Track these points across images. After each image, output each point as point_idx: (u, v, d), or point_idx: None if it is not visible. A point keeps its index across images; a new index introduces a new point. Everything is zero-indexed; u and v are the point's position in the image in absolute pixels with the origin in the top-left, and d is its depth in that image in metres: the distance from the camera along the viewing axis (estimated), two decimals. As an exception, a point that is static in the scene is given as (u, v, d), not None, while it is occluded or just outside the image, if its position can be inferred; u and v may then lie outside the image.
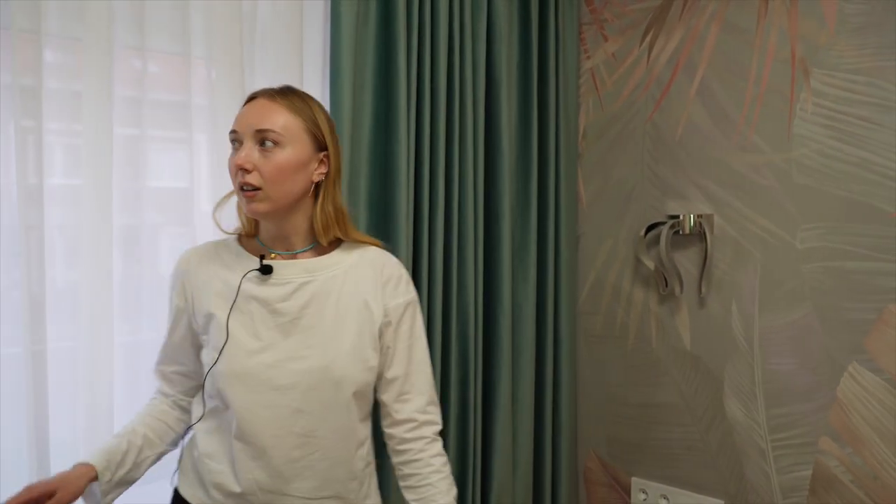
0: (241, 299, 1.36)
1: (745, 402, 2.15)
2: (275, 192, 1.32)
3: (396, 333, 1.42)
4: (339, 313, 1.38)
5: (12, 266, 1.47)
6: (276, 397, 1.34)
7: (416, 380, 1.44)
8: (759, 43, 2.10)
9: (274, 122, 1.32)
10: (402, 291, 1.44)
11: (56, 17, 1.52)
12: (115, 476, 1.37)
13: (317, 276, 1.38)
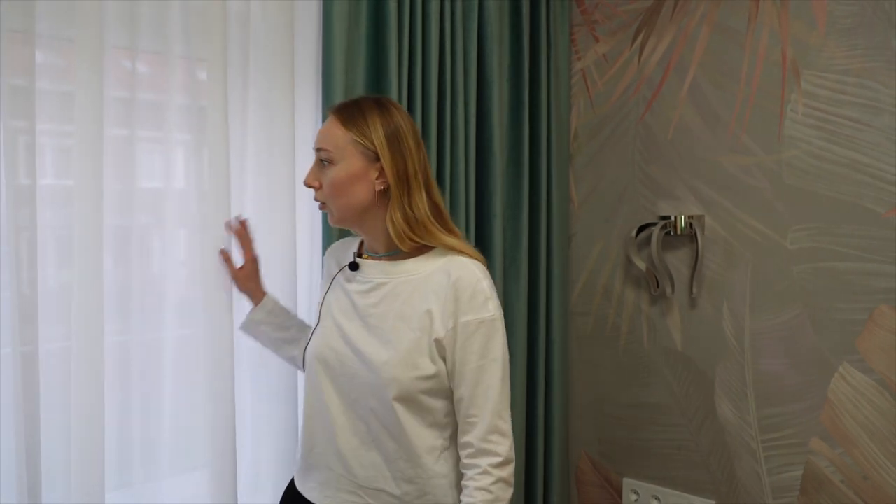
0: (337, 291, 1.51)
1: (736, 402, 2.16)
2: (335, 206, 1.43)
3: (464, 352, 1.37)
4: (401, 318, 1.40)
5: (3, 267, 1.46)
6: (345, 384, 1.44)
7: (483, 404, 1.37)
8: (749, 44, 2.11)
9: (327, 140, 1.42)
10: (475, 308, 1.37)
11: (47, 17, 1.51)
12: (260, 325, 1.66)
13: (391, 280, 1.44)
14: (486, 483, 1.35)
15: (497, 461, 1.36)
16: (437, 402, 1.41)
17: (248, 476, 1.79)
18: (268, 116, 1.80)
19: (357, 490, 1.45)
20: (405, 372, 1.38)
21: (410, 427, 1.40)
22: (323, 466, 1.48)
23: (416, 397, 1.39)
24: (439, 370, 1.39)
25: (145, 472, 1.69)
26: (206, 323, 1.68)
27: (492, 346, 1.37)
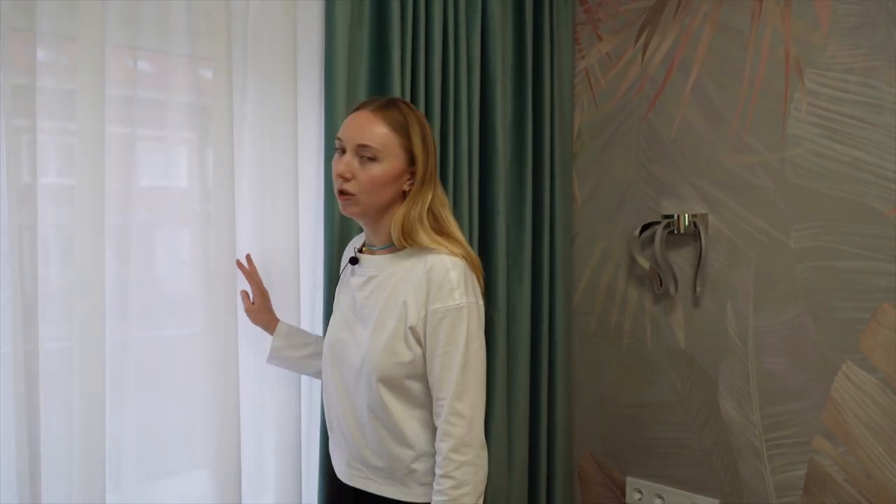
0: (344, 285, 1.65)
1: (739, 401, 2.16)
2: (367, 200, 1.51)
3: (434, 338, 1.48)
4: (386, 309, 1.52)
5: (5, 266, 1.46)
6: (344, 370, 1.57)
7: (447, 388, 1.46)
8: (753, 43, 2.10)
9: (373, 138, 1.50)
10: (443, 297, 1.47)
11: (49, 15, 1.50)
12: (283, 350, 1.74)
13: (381, 273, 1.56)
14: (449, 469, 1.44)
15: (453, 444, 1.44)
16: (418, 384, 1.52)
17: (250, 475, 1.79)
18: (270, 115, 1.79)
19: (362, 466, 1.58)
20: (386, 358, 1.49)
21: (395, 408, 1.51)
22: (338, 446, 1.64)
23: (399, 381, 1.50)
24: (415, 356, 1.49)
25: (147, 471, 1.68)
26: (209, 321, 1.69)
27: (457, 333, 1.46)
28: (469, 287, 1.49)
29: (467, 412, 1.45)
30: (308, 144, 1.89)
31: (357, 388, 1.54)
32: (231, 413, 1.67)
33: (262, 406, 1.83)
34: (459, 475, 1.44)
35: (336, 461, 1.66)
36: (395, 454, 1.53)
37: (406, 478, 1.54)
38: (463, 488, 1.43)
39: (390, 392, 1.50)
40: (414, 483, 1.54)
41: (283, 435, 1.80)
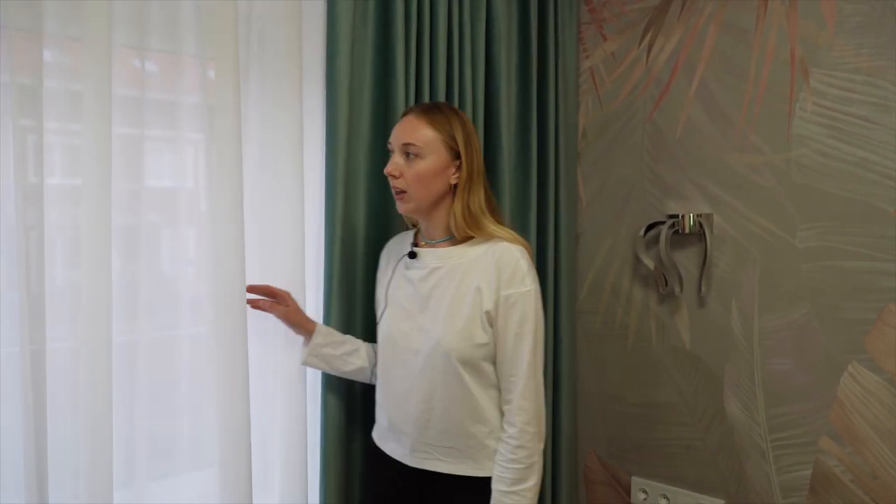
0: (399, 277, 1.74)
1: (744, 401, 2.15)
2: (416, 194, 1.65)
3: (506, 321, 1.60)
4: (457, 296, 1.63)
5: (11, 266, 1.46)
6: (413, 359, 1.66)
7: (520, 366, 1.60)
8: (758, 43, 2.10)
9: (416, 136, 1.64)
10: (515, 283, 1.60)
11: (55, 16, 1.50)
12: (323, 347, 1.79)
13: (446, 264, 1.66)
14: (524, 440, 1.58)
15: (527, 417, 1.59)
16: (491, 366, 1.64)
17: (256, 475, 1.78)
18: (276, 115, 1.79)
19: (429, 449, 1.66)
20: (463, 341, 1.60)
21: (473, 388, 1.62)
22: (398, 432, 1.70)
23: (476, 362, 1.62)
24: (490, 338, 1.62)
25: (155, 470, 1.69)
26: (217, 321, 1.68)
27: (528, 317, 1.60)
28: (534, 275, 1.63)
29: (537, 388, 1.61)
30: (313, 144, 1.89)
31: (429, 372, 1.63)
32: (239, 412, 1.67)
33: (269, 406, 1.83)
34: (532, 445, 1.59)
35: (397, 448, 1.72)
36: (470, 432, 1.63)
37: (478, 454, 1.64)
38: (534, 457, 1.60)
39: (468, 373, 1.61)
40: (485, 459, 1.64)
41: (290, 435, 1.80)
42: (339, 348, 1.82)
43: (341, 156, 1.85)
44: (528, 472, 1.58)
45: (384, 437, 1.76)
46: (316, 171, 1.90)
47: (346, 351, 1.83)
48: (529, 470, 1.58)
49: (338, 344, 1.82)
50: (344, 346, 1.83)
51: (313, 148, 1.89)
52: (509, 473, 1.58)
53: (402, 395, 1.69)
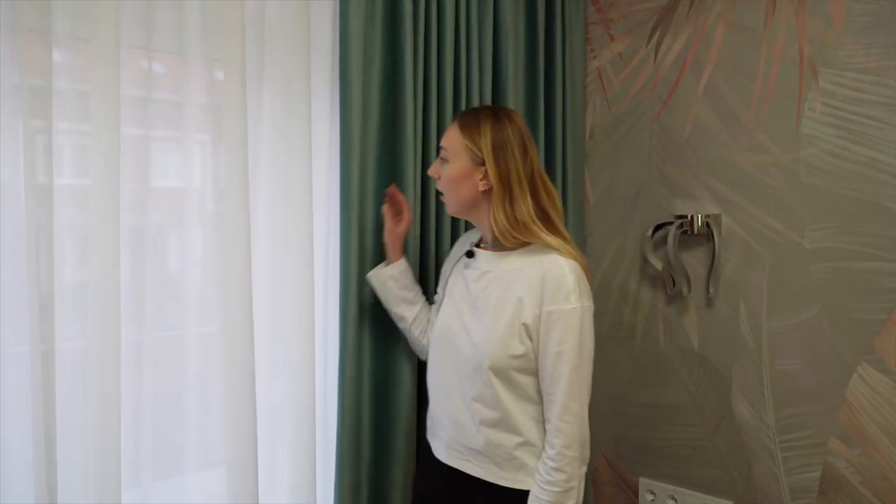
0: (457, 274, 1.76)
1: (753, 402, 2.15)
2: (449, 198, 1.70)
3: (546, 337, 1.57)
4: (501, 303, 1.62)
5: (21, 265, 1.47)
6: (454, 356, 1.67)
7: (558, 385, 1.56)
8: (766, 42, 2.10)
9: (445, 140, 1.68)
10: (559, 299, 1.56)
11: (64, 17, 1.51)
12: (392, 278, 1.83)
13: (496, 268, 1.66)
14: (563, 464, 1.55)
15: (566, 440, 1.55)
16: (527, 378, 1.61)
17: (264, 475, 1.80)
18: (284, 115, 1.80)
19: (462, 450, 1.67)
20: (498, 349, 1.58)
21: (503, 397, 1.60)
22: (440, 429, 1.74)
23: (508, 373, 1.59)
24: (527, 350, 1.58)
25: (163, 469, 1.70)
26: (224, 321, 1.69)
27: (571, 335, 1.55)
28: (583, 290, 1.58)
29: (579, 410, 1.57)
30: (321, 144, 1.90)
31: (467, 373, 1.64)
32: (246, 412, 1.68)
33: (277, 405, 1.84)
34: (571, 469, 1.55)
35: (435, 442, 1.76)
36: (497, 440, 1.62)
37: (506, 463, 1.62)
38: (573, 481, 1.56)
39: (500, 381, 1.60)
40: (512, 469, 1.62)
41: (298, 434, 1.81)
42: (401, 290, 1.85)
43: (356, 155, 1.85)
44: (564, 497, 1.55)
45: (431, 431, 1.80)
46: (323, 170, 1.91)
47: (405, 297, 1.85)
48: (566, 494, 1.55)
49: (403, 286, 1.85)
50: (407, 291, 1.86)
51: (320, 147, 1.90)
52: (546, 495, 1.55)
53: (443, 392, 1.71)
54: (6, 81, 1.45)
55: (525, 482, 1.61)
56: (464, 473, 1.68)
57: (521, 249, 1.65)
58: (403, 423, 1.95)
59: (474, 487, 1.66)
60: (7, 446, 1.48)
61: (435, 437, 1.77)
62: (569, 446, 1.55)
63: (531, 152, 1.65)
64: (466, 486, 1.68)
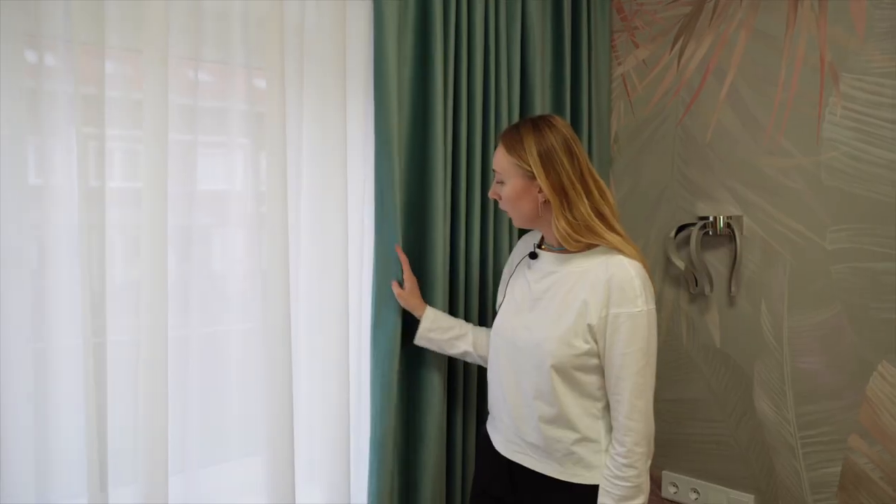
0: (519, 274, 1.80)
1: (774, 399, 2.19)
2: (512, 215, 1.74)
3: (612, 340, 1.60)
4: (564, 304, 1.65)
5: (75, 264, 1.54)
6: (513, 353, 1.71)
7: (624, 386, 1.59)
8: (787, 49, 2.14)
9: (497, 163, 1.72)
10: (626, 302, 1.58)
11: (117, 29, 1.59)
12: (430, 332, 1.92)
13: (560, 270, 1.69)
14: (633, 460, 1.59)
15: (635, 438, 1.59)
16: (588, 377, 1.64)
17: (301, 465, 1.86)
18: (321, 121, 1.87)
19: (520, 443, 1.72)
20: (561, 348, 1.62)
21: (563, 394, 1.64)
22: (499, 421, 1.78)
23: (569, 371, 1.63)
24: (590, 349, 1.61)
25: (207, 457, 1.77)
26: (264, 318, 1.76)
27: (636, 337, 1.58)
28: (648, 294, 1.61)
29: (645, 409, 1.60)
30: (356, 148, 1.96)
31: (527, 370, 1.68)
32: (284, 404, 1.75)
33: (313, 398, 1.91)
34: (641, 465, 1.60)
35: (495, 435, 1.81)
36: (555, 435, 1.66)
37: (564, 458, 1.66)
38: (643, 476, 1.60)
39: (560, 378, 1.63)
40: (570, 464, 1.66)
41: (333, 426, 1.88)
42: (445, 333, 1.93)
43: (396, 161, 1.91)
44: (636, 492, 1.59)
45: (490, 423, 1.85)
46: (358, 172, 1.98)
47: (452, 336, 1.93)
48: (637, 489, 1.60)
49: (444, 329, 1.93)
50: (451, 331, 1.93)
51: (357, 151, 1.96)
52: (617, 490, 1.59)
53: (502, 388, 1.75)
54: (62, 91, 1.53)
55: (583, 476, 1.65)
56: (522, 466, 1.72)
57: (585, 252, 1.67)
58: (435, 409, 2.00)
59: (533, 480, 1.70)
60: (62, 433, 1.56)
61: (494, 430, 1.81)
62: (638, 443, 1.59)
63: (578, 153, 1.66)
64: (526, 479, 1.72)
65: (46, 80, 1.52)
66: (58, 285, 1.55)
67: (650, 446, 1.62)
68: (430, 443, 2.00)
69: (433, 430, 2.00)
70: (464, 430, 2.13)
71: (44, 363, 1.55)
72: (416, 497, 2.01)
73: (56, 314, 1.56)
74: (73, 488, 1.57)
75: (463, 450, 2.12)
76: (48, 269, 1.55)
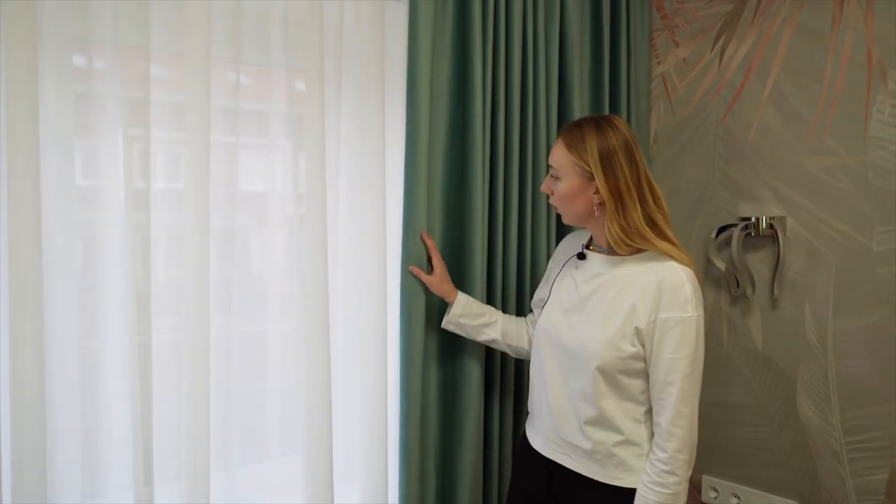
0: (566, 274, 1.79)
1: (818, 403, 2.15)
2: (563, 212, 1.71)
3: (660, 344, 1.58)
4: (612, 306, 1.64)
5: (121, 264, 1.57)
6: (559, 353, 1.71)
7: (670, 391, 1.57)
8: (833, 45, 2.10)
9: (554, 159, 1.69)
10: (676, 307, 1.57)
11: (161, 34, 1.62)
12: (461, 318, 1.92)
13: (609, 272, 1.68)
14: (675, 467, 1.57)
15: (678, 444, 1.57)
16: (632, 380, 1.63)
17: (339, 464, 1.88)
18: (360, 122, 1.88)
19: (560, 443, 1.72)
20: (607, 350, 1.61)
21: (606, 396, 1.63)
22: (539, 421, 1.78)
23: (614, 374, 1.62)
24: (636, 353, 1.60)
25: (248, 454, 1.79)
26: (303, 317, 1.78)
27: (685, 343, 1.56)
28: (698, 300, 1.59)
29: (690, 416, 1.58)
30: (394, 149, 1.98)
31: (572, 372, 1.68)
32: (323, 403, 1.76)
33: (352, 397, 1.92)
34: (682, 473, 1.58)
35: (534, 435, 1.80)
36: (597, 437, 1.65)
37: (605, 460, 1.65)
38: (682, 483, 1.59)
39: (604, 381, 1.62)
40: (611, 465, 1.65)
41: (371, 426, 1.89)
42: (476, 319, 1.92)
43: (423, 162, 1.92)
44: (675, 499, 1.58)
45: (529, 422, 1.84)
46: (396, 172, 1.99)
47: (482, 322, 1.93)
48: (676, 497, 1.58)
49: (475, 315, 1.92)
50: (481, 318, 1.93)
51: (395, 153, 1.98)
52: (654, 496, 1.58)
53: (545, 387, 1.75)
54: (109, 94, 1.57)
55: (623, 479, 1.64)
56: (562, 466, 1.72)
57: (635, 256, 1.65)
58: (472, 411, 2.00)
59: (572, 480, 1.70)
60: (108, 429, 1.59)
61: (534, 430, 1.81)
62: (680, 450, 1.57)
63: (638, 158, 1.64)
64: (564, 479, 1.71)
65: (95, 83, 1.56)
66: (104, 284, 1.59)
67: (692, 455, 1.60)
68: (468, 446, 2.00)
69: (471, 434, 2.00)
70: (500, 433, 2.13)
71: (91, 361, 1.58)
72: (453, 500, 2.01)
73: (102, 313, 1.59)
74: (119, 484, 1.60)
75: (500, 453, 2.12)
76: (94, 269, 1.59)
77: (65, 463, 1.55)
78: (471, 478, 2.00)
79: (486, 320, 1.93)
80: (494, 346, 1.96)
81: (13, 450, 1.43)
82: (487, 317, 1.94)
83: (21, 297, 1.43)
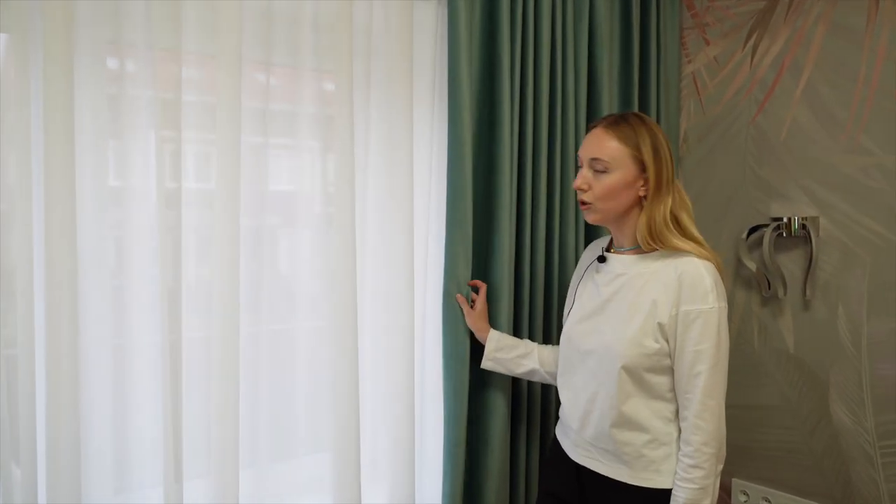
0: (588, 279, 1.79)
1: (851, 407, 2.12)
2: (603, 207, 1.67)
3: (684, 337, 1.58)
4: (634, 305, 1.64)
5: (153, 264, 1.60)
6: (584, 357, 1.71)
7: (696, 384, 1.57)
8: (868, 43, 2.07)
9: (603, 151, 1.64)
10: (696, 299, 1.57)
11: (193, 36, 1.65)
12: (496, 352, 1.93)
13: (629, 272, 1.68)
14: (701, 461, 1.56)
15: (704, 437, 1.56)
16: (659, 378, 1.62)
17: (366, 464, 1.89)
18: (388, 122, 1.89)
19: (589, 447, 1.71)
20: (631, 349, 1.60)
21: (633, 395, 1.63)
22: (568, 424, 1.77)
23: (640, 372, 1.61)
24: (660, 349, 1.60)
25: (275, 452, 1.81)
26: (331, 316, 1.79)
27: (707, 334, 1.56)
28: (720, 291, 1.59)
29: (716, 408, 1.57)
30: (422, 149, 1.98)
31: (597, 373, 1.67)
32: (351, 402, 1.78)
33: (379, 397, 1.93)
34: (709, 466, 1.56)
35: (564, 440, 1.80)
36: (624, 438, 1.64)
37: (634, 461, 1.64)
38: (709, 478, 1.57)
39: (631, 380, 1.62)
40: (640, 466, 1.64)
41: (398, 426, 1.90)
42: (511, 352, 1.94)
43: (468, 161, 1.93)
44: (702, 494, 1.56)
45: (559, 427, 1.84)
46: (424, 173, 2.00)
47: (518, 354, 1.94)
48: (703, 491, 1.56)
49: (510, 348, 1.94)
50: (516, 349, 1.94)
51: (422, 153, 1.98)
52: (682, 493, 1.56)
53: (572, 391, 1.75)
54: (142, 96, 1.60)
55: (654, 480, 1.62)
56: (592, 471, 1.70)
57: (655, 253, 1.65)
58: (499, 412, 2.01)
59: (603, 485, 1.68)
60: (139, 426, 1.62)
61: (564, 435, 1.80)
62: (707, 443, 1.56)
63: (672, 154, 1.68)
64: (595, 484, 1.70)
65: (127, 85, 1.59)
66: (135, 283, 1.62)
67: (721, 449, 1.58)
68: (495, 448, 2.00)
69: (498, 436, 2.00)
70: (527, 434, 2.13)
71: (122, 359, 1.61)
72: (480, 502, 2.02)
73: (134, 312, 1.62)
74: (149, 480, 1.63)
75: (527, 455, 2.12)
76: (126, 268, 1.62)
77: (97, 459, 1.58)
78: (497, 479, 2.00)
79: (522, 351, 1.94)
80: (535, 377, 1.95)
81: (48, 446, 1.47)
82: (523, 348, 1.95)
83: (57, 296, 1.46)
